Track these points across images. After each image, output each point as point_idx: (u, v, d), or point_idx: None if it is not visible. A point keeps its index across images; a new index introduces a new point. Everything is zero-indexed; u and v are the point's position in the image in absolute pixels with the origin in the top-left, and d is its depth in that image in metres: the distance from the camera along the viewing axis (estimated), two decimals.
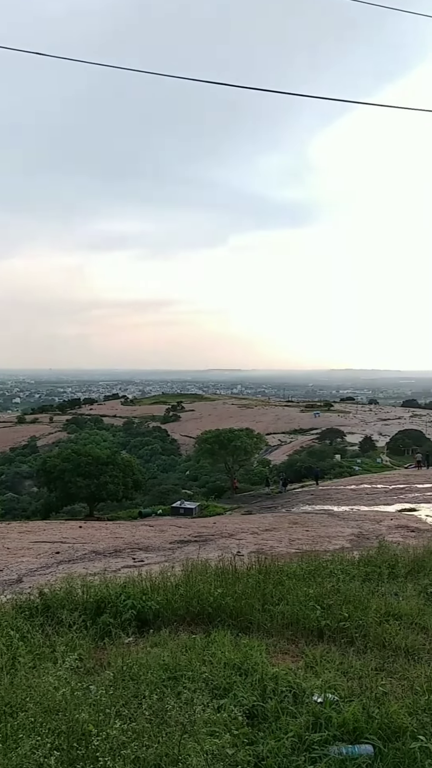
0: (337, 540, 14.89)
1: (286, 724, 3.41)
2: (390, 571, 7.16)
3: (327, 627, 5.27)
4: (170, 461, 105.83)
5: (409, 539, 14.16)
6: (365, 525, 18.41)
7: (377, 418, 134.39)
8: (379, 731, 3.45)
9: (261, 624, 5.42)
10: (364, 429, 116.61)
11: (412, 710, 3.67)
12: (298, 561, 7.68)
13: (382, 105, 41.24)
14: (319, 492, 37.11)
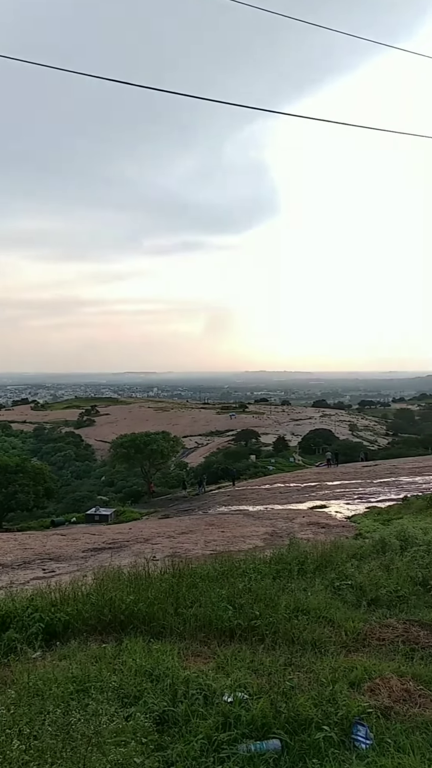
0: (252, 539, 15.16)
1: (196, 726, 3.42)
2: (299, 567, 7.37)
3: (239, 626, 5.35)
4: (85, 467, 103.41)
5: (319, 535, 14.68)
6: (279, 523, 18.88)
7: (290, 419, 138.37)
8: (287, 725, 3.54)
9: (174, 628, 5.41)
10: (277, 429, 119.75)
11: (318, 702, 3.80)
12: (212, 562, 7.74)
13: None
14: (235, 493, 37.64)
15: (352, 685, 4.31)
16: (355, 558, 7.98)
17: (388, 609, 6.24)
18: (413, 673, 4.57)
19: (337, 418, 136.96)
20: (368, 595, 6.47)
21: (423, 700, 4.11)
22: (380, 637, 5.45)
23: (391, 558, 7.75)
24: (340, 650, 5.09)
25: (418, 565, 7.26)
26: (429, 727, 3.72)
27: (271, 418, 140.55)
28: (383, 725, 3.71)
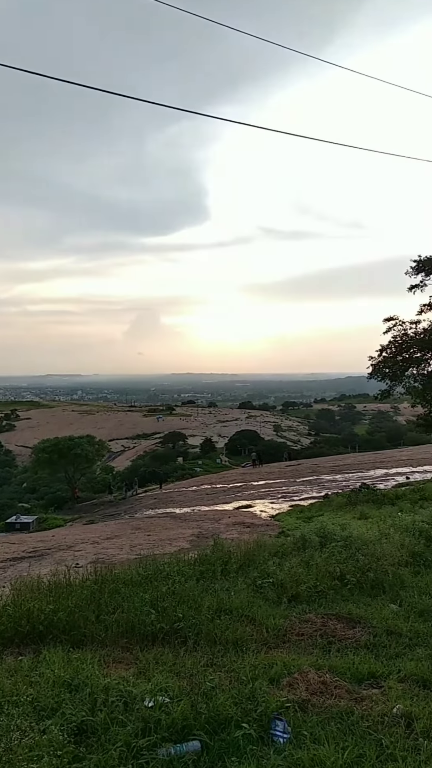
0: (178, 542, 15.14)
1: (115, 734, 3.38)
2: (223, 567, 7.44)
3: (161, 630, 5.33)
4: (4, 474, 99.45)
5: (244, 535, 14.87)
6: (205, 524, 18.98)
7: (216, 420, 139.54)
8: (207, 725, 3.56)
9: (95, 636, 5.31)
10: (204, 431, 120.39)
11: (238, 700, 3.85)
12: (136, 567, 7.66)
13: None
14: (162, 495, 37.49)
15: (272, 681, 4.40)
16: (277, 556, 8.15)
17: (307, 604, 6.42)
18: (330, 666, 4.73)
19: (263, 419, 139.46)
20: (289, 591, 6.63)
21: (338, 691, 4.26)
22: (300, 632, 5.60)
23: (310, 554, 7.98)
24: (261, 647, 5.18)
25: (336, 561, 7.51)
26: (343, 717, 3.85)
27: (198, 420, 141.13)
28: (300, 718, 3.81)
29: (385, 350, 20.55)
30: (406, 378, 20.74)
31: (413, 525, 9.84)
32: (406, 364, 20.41)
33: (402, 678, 4.54)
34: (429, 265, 18.84)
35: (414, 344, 19.97)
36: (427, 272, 18.95)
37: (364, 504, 19.83)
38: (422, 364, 20.31)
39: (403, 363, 20.41)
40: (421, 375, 20.25)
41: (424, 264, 18.91)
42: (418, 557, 8.13)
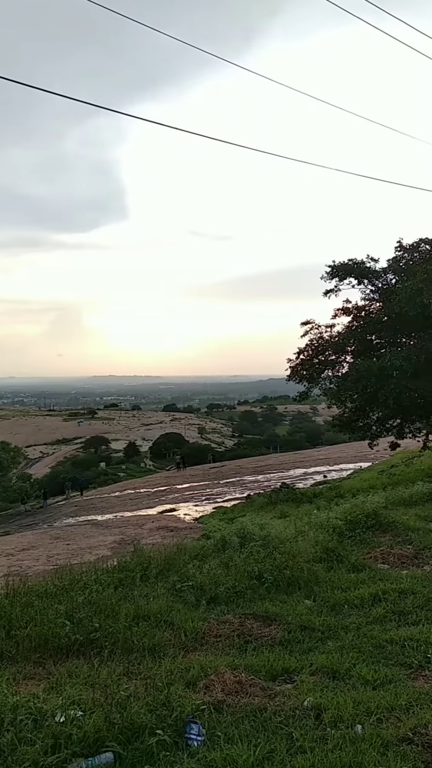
0: (99, 549, 14.89)
1: (23, 754, 3.27)
2: (142, 573, 7.39)
3: (76, 641, 5.22)
4: None
5: (167, 539, 14.86)
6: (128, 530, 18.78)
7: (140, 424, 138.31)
8: (120, 736, 3.53)
9: (5, 652, 5.12)
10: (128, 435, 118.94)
11: (153, 707, 3.84)
12: (52, 578, 7.46)
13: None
14: (83, 503, 36.70)
15: (188, 685, 4.42)
16: (197, 558, 8.19)
17: (226, 605, 6.50)
18: (246, 665, 4.82)
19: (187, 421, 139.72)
20: (208, 593, 6.68)
21: (253, 689, 4.35)
22: (217, 633, 5.67)
23: (230, 555, 8.08)
24: (179, 652, 5.20)
25: (254, 560, 7.65)
26: (257, 714, 3.94)
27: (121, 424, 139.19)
28: (215, 719, 3.86)
29: (303, 353, 21.18)
30: (322, 380, 21.45)
31: (328, 522, 10.17)
32: (322, 366, 21.12)
33: (313, 671, 4.71)
34: (342, 271, 19.60)
35: (329, 347, 20.70)
36: (340, 278, 19.71)
37: (284, 503, 20.38)
38: (337, 367, 21.08)
39: (319, 365, 21.11)
40: (336, 377, 21.01)
41: (337, 270, 19.65)
42: (332, 553, 8.42)
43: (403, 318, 17.90)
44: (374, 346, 20.54)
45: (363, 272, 19.49)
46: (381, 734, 3.57)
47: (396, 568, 8.10)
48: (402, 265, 19.23)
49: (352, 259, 19.67)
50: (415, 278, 17.01)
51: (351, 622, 5.94)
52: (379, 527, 10.06)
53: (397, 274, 19.30)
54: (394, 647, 5.23)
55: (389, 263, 19.66)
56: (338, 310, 20.44)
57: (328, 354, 20.84)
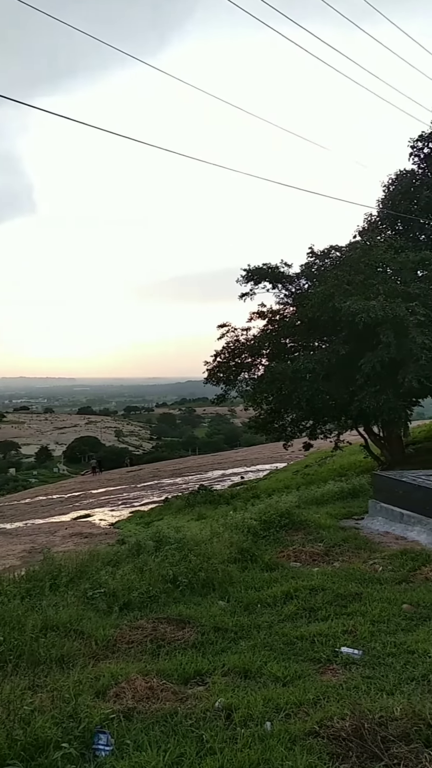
0: (6, 559, 14.26)
1: None
2: (52, 582, 7.15)
3: None
4: None
5: (81, 546, 14.46)
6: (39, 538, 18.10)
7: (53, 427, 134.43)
8: (23, 753, 3.37)
9: None
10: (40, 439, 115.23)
11: (59, 720, 3.70)
12: None
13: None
14: None
15: (98, 695, 4.31)
16: (111, 564, 8.04)
17: (139, 610, 6.41)
18: (158, 669, 4.76)
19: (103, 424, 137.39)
20: (121, 599, 6.56)
21: (165, 694, 4.30)
22: (130, 639, 5.57)
23: (144, 560, 7.98)
24: (89, 661, 5.05)
25: (169, 564, 7.60)
26: (168, 719, 3.89)
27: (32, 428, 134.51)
28: (125, 727, 3.78)
29: (219, 355, 21.37)
30: (239, 382, 21.75)
31: (243, 522, 10.32)
32: (238, 368, 21.40)
33: (226, 672, 4.72)
34: (257, 275, 19.96)
35: (245, 350, 21.02)
36: (255, 281, 20.07)
37: (201, 505, 20.43)
38: (252, 369, 21.44)
39: (235, 368, 21.38)
40: (252, 379, 21.37)
41: (252, 274, 19.99)
42: (246, 553, 8.54)
43: (315, 322, 18.48)
44: (288, 349, 21.07)
45: (277, 277, 19.95)
46: (289, 729, 3.63)
47: (308, 565, 8.33)
48: (314, 271, 19.87)
49: (266, 264, 20.08)
50: (327, 284, 17.61)
51: (263, 621, 6.04)
52: (292, 526, 10.32)
53: (309, 280, 19.90)
54: (304, 643, 5.36)
55: (302, 269, 20.24)
56: (254, 314, 20.82)
57: (244, 357, 21.16)
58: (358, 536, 10.12)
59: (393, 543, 9.61)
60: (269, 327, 20.80)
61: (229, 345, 21.18)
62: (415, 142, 22.59)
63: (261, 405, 21.10)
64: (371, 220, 23.38)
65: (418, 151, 22.67)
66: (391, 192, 22.56)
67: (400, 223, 22.22)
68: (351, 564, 8.21)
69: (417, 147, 22.63)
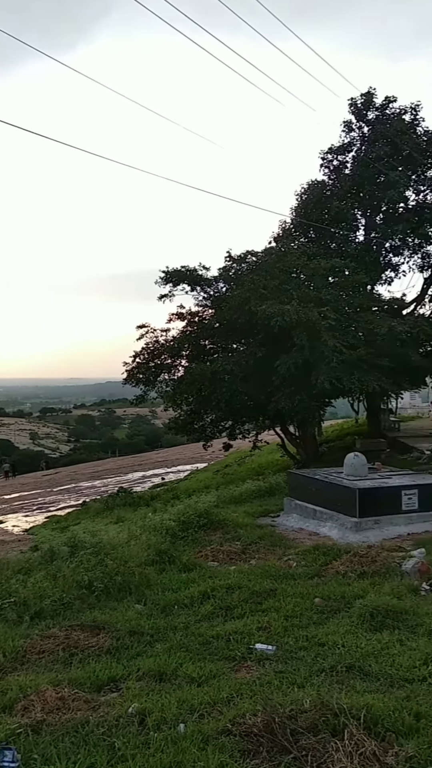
0: None
1: None
2: None
3: None
4: None
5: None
6: None
7: None
8: None
9: None
10: None
11: None
12: None
13: None
14: None
15: (4, 709, 4.14)
16: (22, 572, 7.74)
17: (52, 619, 6.21)
18: (70, 679, 4.63)
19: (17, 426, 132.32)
20: (32, 608, 6.34)
21: (76, 704, 4.19)
22: (41, 649, 5.38)
23: (58, 566, 7.74)
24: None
25: (85, 569, 7.42)
26: (79, 729, 3.79)
27: None
28: (33, 741, 3.64)
29: (139, 356, 21.22)
30: (159, 383, 21.69)
31: (161, 524, 10.27)
32: (158, 369, 21.34)
33: (140, 676, 4.68)
34: (175, 277, 19.99)
35: (165, 351, 20.99)
36: (174, 283, 20.08)
37: (120, 508, 20.15)
38: (172, 370, 21.45)
39: (155, 369, 21.31)
40: (172, 380, 21.37)
41: (171, 275, 19.99)
42: (164, 554, 8.51)
43: (233, 325, 18.75)
44: (208, 350, 21.25)
45: (195, 279, 20.07)
46: (202, 730, 3.64)
47: (225, 564, 8.43)
48: (231, 275, 20.15)
49: (185, 266, 20.16)
50: (243, 287, 17.91)
51: (180, 622, 6.03)
52: (210, 526, 10.39)
53: (227, 283, 20.18)
54: (219, 642, 5.41)
55: (220, 272, 20.50)
56: (173, 315, 20.84)
57: (164, 358, 21.13)
58: (273, 533, 10.36)
59: (306, 539, 9.92)
60: (188, 329, 20.89)
61: (149, 346, 21.08)
62: (325, 154, 23.46)
63: (181, 406, 21.15)
64: (285, 227, 24.03)
65: (328, 163, 23.57)
66: (303, 201, 23.31)
67: (312, 231, 22.96)
68: (267, 561, 8.38)
69: (327, 159, 23.52)
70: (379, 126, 22.11)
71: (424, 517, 10.20)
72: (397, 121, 21.92)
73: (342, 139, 23.27)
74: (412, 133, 21.93)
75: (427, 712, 3.77)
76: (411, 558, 7.54)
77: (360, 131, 22.89)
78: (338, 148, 23.31)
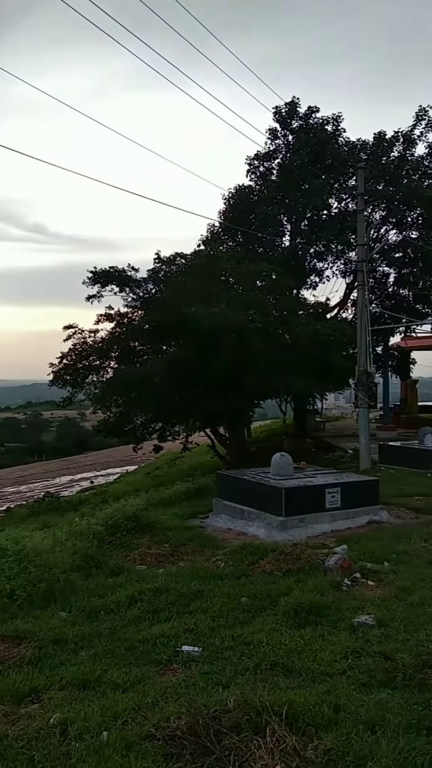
0: None
1: None
2: None
3: None
4: None
5: None
6: None
7: None
8: None
9: None
10: None
11: None
12: None
13: None
14: None
15: None
16: None
17: None
18: None
19: None
20: None
21: None
22: None
23: None
24: None
25: (6, 577, 7.16)
26: None
27: None
28: None
29: (66, 357, 20.78)
30: (87, 385, 21.33)
31: (88, 528, 10.06)
32: (86, 371, 20.98)
33: (63, 686, 4.57)
34: (104, 278, 19.71)
35: (93, 352, 20.65)
36: (102, 284, 19.79)
37: (47, 513, 19.63)
38: (101, 372, 21.14)
39: (83, 370, 20.93)
40: (101, 382, 21.07)
41: (99, 276, 19.70)
42: (91, 560, 8.35)
43: (163, 326, 18.72)
44: (137, 352, 21.11)
45: (124, 280, 19.87)
46: (125, 736, 3.61)
47: (153, 567, 8.38)
48: (161, 276, 20.14)
49: (113, 267, 19.93)
50: (173, 289, 17.94)
51: (106, 628, 5.94)
52: (139, 529, 10.29)
53: (156, 284, 20.14)
54: (146, 646, 5.37)
55: (149, 273, 20.43)
56: (101, 316, 20.55)
57: (92, 359, 20.79)
58: (202, 534, 10.41)
59: (234, 539, 10.03)
60: (117, 330, 20.67)
61: (77, 347, 20.69)
62: (252, 160, 23.92)
63: (110, 408, 20.88)
64: (214, 231, 24.26)
65: (255, 169, 24.05)
66: (231, 205, 23.64)
67: (240, 235, 23.32)
68: (195, 562, 8.41)
69: (254, 165, 23.98)
70: (303, 135, 22.78)
71: (347, 514, 10.56)
72: (320, 131, 22.66)
73: (268, 146, 23.81)
74: (334, 143, 22.74)
75: (345, 705, 3.91)
76: (334, 555, 7.78)
77: (285, 139, 23.49)
78: (264, 155, 23.82)
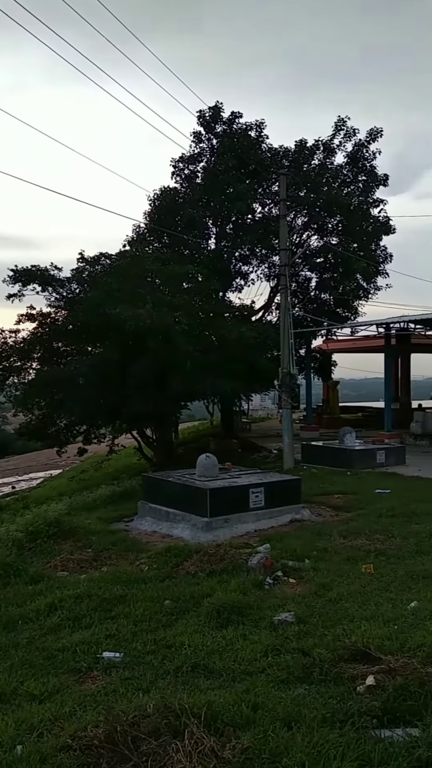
0: None
1: None
2: None
3: None
4: None
5: None
6: None
7: None
8: None
9: None
10: None
11: None
12: None
13: None
14: None
15: None
16: None
17: None
18: None
19: None
20: None
21: None
22: None
23: None
24: None
25: None
26: None
27: None
28: None
29: None
30: (8, 386, 20.59)
31: (7, 535, 9.74)
32: (6, 372, 20.24)
33: None
34: (25, 277, 19.09)
35: (14, 353, 19.97)
36: (23, 283, 19.15)
37: None
38: (23, 373, 20.47)
39: (3, 371, 20.19)
40: (22, 383, 20.41)
41: (20, 275, 19.05)
42: (9, 568, 8.06)
43: (87, 327, 18.38)
44: (61, 353, 20.60)
45: (46, 279, 19.32)
46: (40, 749, 3.52)
47: (75, 573, 8.20)
48: (85, 276, 19.75)
49: (35, 266, 19.33)
50: (98, 290, 17.65)
51: (23, 638, 5.77)
52: (61, 535, 10.04)
53: (80, 284, 19.73)
54: (65, 654, 5.26)
55: (73, 273, 19.96)
56: (22, 316, 19.87)
57: (12, 360, 20.08)
58: (127, 538, 10.30)
59: (159, 541, 9.99)
60: (40, 330, 20.07)
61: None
62: (177, 163, 23.97)
63: (32, 410, 20.22)
64: (140, 232, 24.10)
65: (180, 171, 24.10)
66: (156, 207, 23.57)
67: (166, 236, 23.29)
68: (118, 567, 8.31)
69: (178, 167, 24.04)
70: (227, 140, 23.06)
71: (270, 514, 10.77)
72: (244, 136, 23.02)
73: (192, 149, 23.92)
74: (258, 149, 23.17)
75: (263, 703, 3.97)
76: (257, 554, 7.92)
77: (209, 143, 23.69)
78: (189, 158, 23.92)
